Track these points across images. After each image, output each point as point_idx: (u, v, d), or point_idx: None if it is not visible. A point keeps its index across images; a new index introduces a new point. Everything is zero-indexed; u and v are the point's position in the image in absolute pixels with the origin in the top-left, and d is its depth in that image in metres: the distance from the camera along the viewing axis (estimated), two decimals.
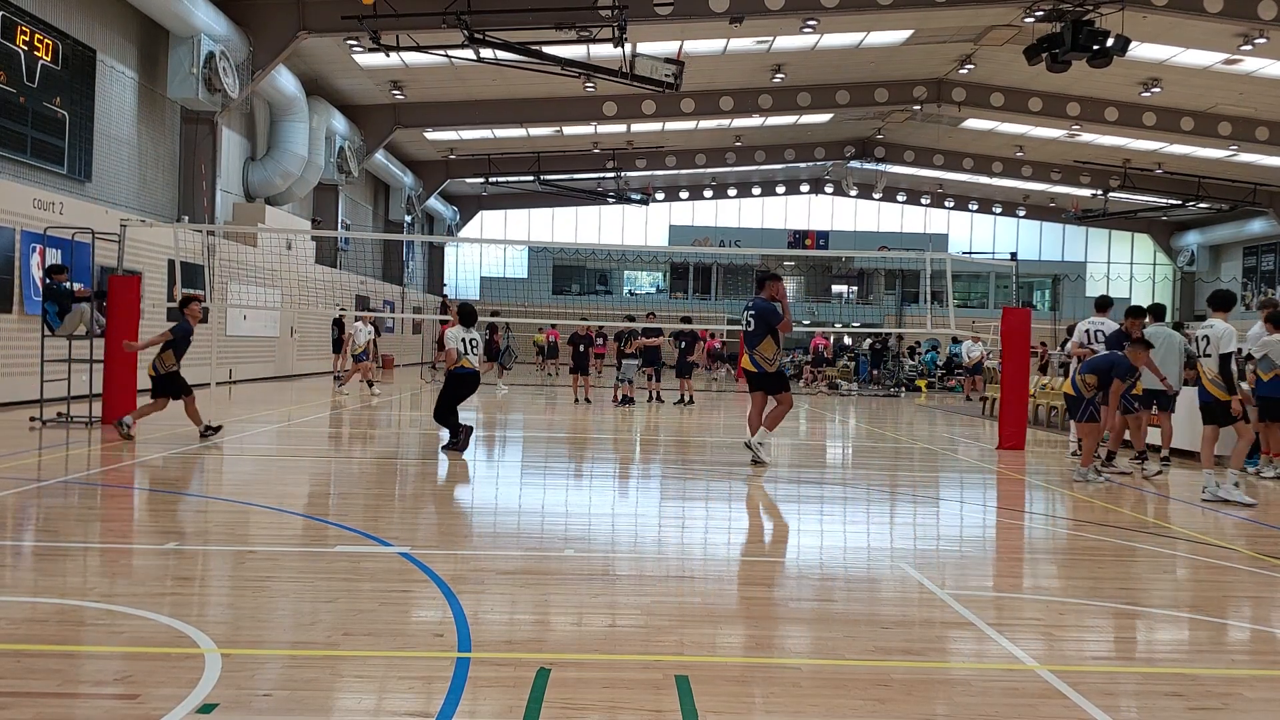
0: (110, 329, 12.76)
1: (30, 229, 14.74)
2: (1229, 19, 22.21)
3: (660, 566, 6.02)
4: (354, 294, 31.51)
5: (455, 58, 22.35)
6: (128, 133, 19.65)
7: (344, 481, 9.18)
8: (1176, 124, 30.58)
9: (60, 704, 3.54)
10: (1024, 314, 14.01)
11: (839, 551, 6.75)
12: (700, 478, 9.89)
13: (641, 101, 29.87)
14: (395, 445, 12.50)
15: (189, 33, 19.69)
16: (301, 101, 25.55)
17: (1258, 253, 42.79)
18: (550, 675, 3.92)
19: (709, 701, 3.71)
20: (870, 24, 25.06)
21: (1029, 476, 10.81)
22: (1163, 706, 3.85)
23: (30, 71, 15.90)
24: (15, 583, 5.20)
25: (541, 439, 12.62)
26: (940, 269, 30.15)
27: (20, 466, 9.02)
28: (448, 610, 4.77)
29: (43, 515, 6.99)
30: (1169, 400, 11.81)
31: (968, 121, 35.14)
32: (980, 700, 3.84)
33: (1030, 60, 21.26)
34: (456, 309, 11.41)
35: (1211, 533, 7.62)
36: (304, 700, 3.61)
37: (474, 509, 8.17)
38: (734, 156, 40.17)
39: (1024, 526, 8.05)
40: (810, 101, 31.53)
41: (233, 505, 7.60)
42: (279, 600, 4.92)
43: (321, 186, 29.42)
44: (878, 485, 9.88)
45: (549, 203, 45.35)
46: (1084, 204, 42.28)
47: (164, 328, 12.72)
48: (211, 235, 20.24)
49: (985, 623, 4.86)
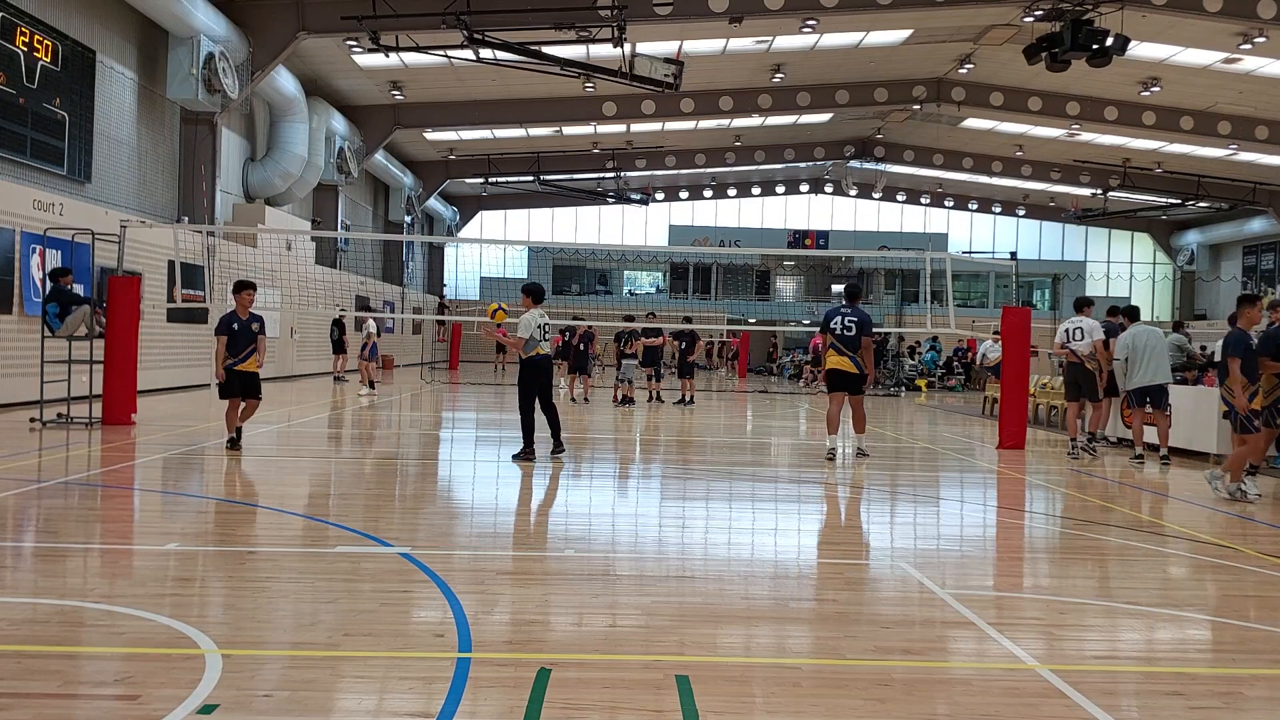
0: (110, 330, 12.76)
1: (30, 230, 14.74)
2: (1228, 18, 22.20)
3: (660, 566, 6.02)
4: (354, 294, 31.52)
5: (455, 58, 22.36)
6: (127, 133, 19.65)
7: (344, 482, 9.18)
8: (1176, 123, 30.58)
9: (61, 705, 3.54)
10: (1024, 313, 14.02)
11: (839, 551, 6.76)
12: (700, 478, 9.90)
13: (641, 101, 29.87)
14: (395, 445, 12.50)
15: (188, 33, 19.70)
16: (301, 102, 25.55)
17: (1257, 252, 42.78)
18: (551, 675, 3.92)
19: (710, 701, 3.71)
20: (870, 24, 25.06)
21: (1029, 476, 10.81)
22: (1163, 706, 3.85)
23: (30, 72, 15.90)
24: (16, 584, 5.20)
25: (541, 439, 12.57)
26: (940, 268, 30.18)
27: (20, 467, 9.02)
28: (448, 610, 4.77)
29: (43, 516, 6.99)
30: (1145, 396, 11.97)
31: (967, 121, 35.14)
32: (981, 700, 3.85)
33: (1030, 60, 21.26)
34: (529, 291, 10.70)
35: (1211, 532, 7.62)
36: (304, 701, 3.62)
37: (474, 509, 8.17)
38: (734, 156, 40.17)
39: (1024, 526, 8.06)
40: (810, 101, 31.53)
41: (233, 506, 7.60)
42: (279, 601, 4.92)
43: (321, 187, 29.42)
44: (878, 485, 9.88)
45: (549, 203, 45.36)
46: (1084, 203, 42.28)
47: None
48: (211, 236, 20.24)
49: (986, 622, 4.86)
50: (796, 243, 46.79)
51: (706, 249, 46.22)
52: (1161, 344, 11.99)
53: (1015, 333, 13.64)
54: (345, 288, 30.32)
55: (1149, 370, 11.78)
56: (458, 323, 38.62)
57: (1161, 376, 11.83)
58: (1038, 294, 51.33)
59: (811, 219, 48.73)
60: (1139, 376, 11.85)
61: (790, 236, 47.50)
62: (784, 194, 47.34)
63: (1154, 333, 12.11)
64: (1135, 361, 11.89)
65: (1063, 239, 49.78)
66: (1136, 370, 11.87)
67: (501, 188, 41.02)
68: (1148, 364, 11.79)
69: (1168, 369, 12.03)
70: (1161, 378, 11.83)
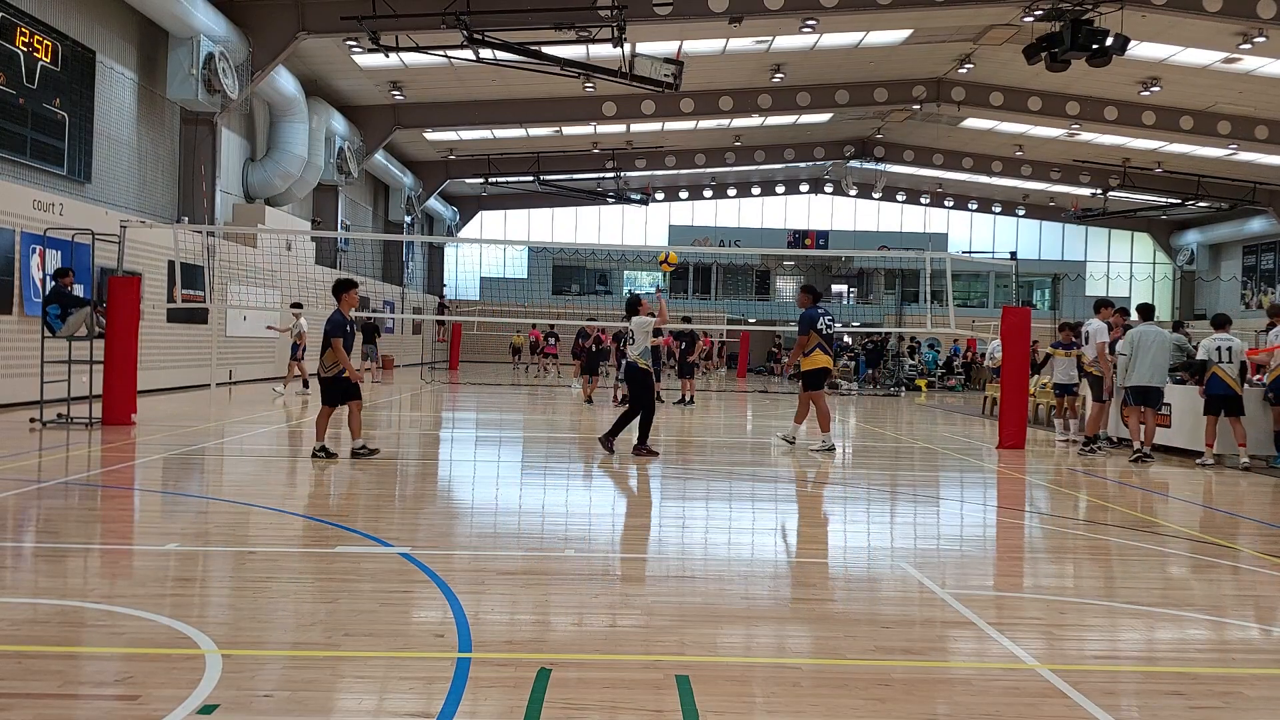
0: (110, 330, 12.76)
1: (30, 230, 14.74)
2: (1228, 18, 22.20)
3: (660, 566, 6.02)
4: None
5: (455, 58, 22.36)
6: (127, 134, 19.65)
7: (344, 482, 9.18)
8: (1176, 123, 30.58)
9: (61, 705, 3.54)
10: (1024, 313, 14.04)
11: (839, 551, 6.76)
12: (700, 478, 9.90)
13: (641, 101, 29.87)
14: (395, 446, 12.49)
15: (188, 34, 19.70)
16: (301, 102, 25.55)
17: (1257, 251, 42.78)
18: (551, 675, 3.92)
19: (710, 701, 3.71)
20: (869, 24, 25.05)
21: (1029, 476, 10.81)
22: (1163, 705, 3.85)
23: (30, 72, 15.90)
24: (16, 584, 5.20)
25: (542, 439, 12.59)
26: (940, 268, 30.19)
27: (20, 467, 9.02)
28: (448, 610, 4.77)
29: (43, 516, 6.99)
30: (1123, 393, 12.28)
31: (967, 121, 35.14)
32: (981, 699, 3.85)
33: (1029, 59, 21.26)
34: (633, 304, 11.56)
35: (1211, 532, 7.62)
36: (305, 701, 3.62)
37: (474, 509, 8.17)
38: (733, 156, 40.18)
39: (1024, 525, 8.06)
40: (810, 101, 31.53)
41: (233, 506, 7.60)
42: (279, 601, 4.92)
43: (321, 187, 29.42)
44: (878, 485, 9.88)
45: (549, 203, 45.37)
46: (1083, 203, 42.28)
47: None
48: (211, 236, 20.25)
49: (986, 622, 4.86)
50: (796, 243, 46.80)
51: (706, 249, 46.24)
52: (1163, 346, 12.06)
53: (1015, 333, 13.65)
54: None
55: (1146, 370, 11.89)
56: (458, 323, 38.65)
57: (1158, 379, 11.95)
58: (1038, 294, 51.34)
59: (811, 219, 48.74)
60: (1136, 375, 11.97)
61: (790, 236, 47.52)
62: (784, 194, 47.36)
63: (1159, 334, 12.18)
64: (1134, 360, 11.97)
65: (1063, 239, 49.78)
66: (1135, 369, 11.96)
67: (501, 188, 41.03)
68: (1147, 364, 11.88)
69: (1165, 372, 12.13)
70: (1158, 380, 11.96)
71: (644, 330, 11.22)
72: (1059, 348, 14.30)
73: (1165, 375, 12.13)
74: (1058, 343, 14.43)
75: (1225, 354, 11.58)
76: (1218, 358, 11.61)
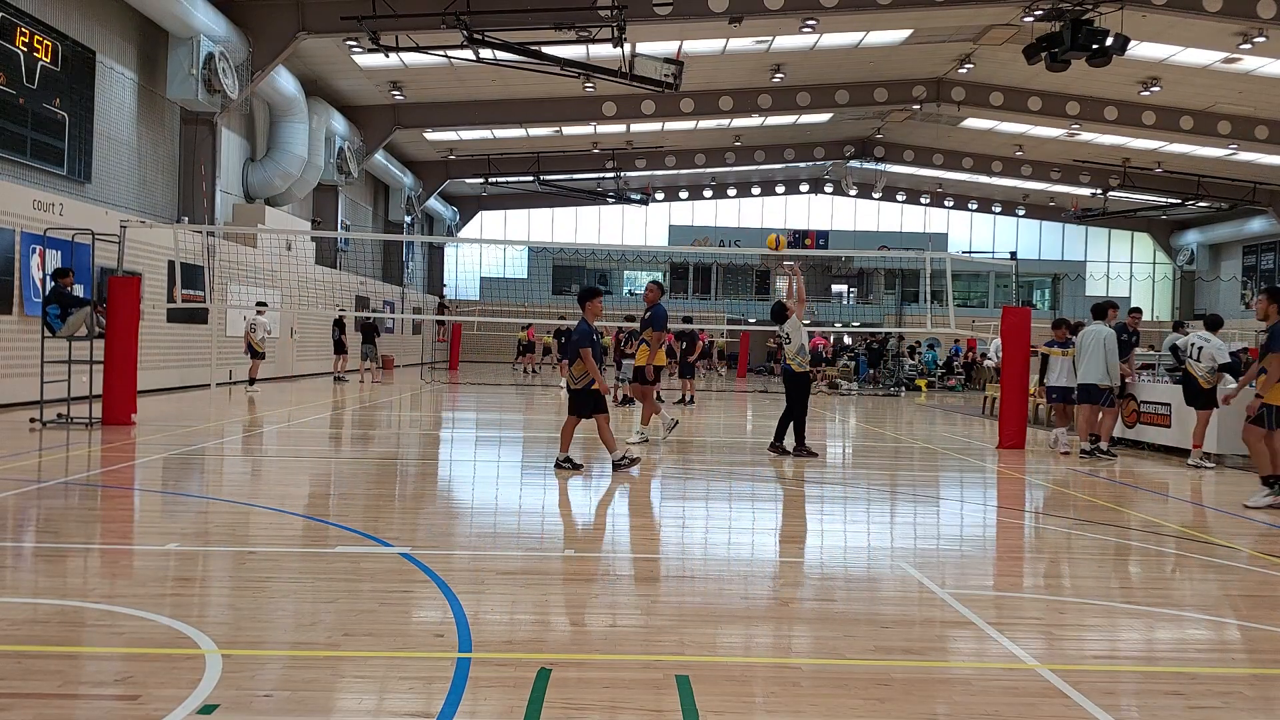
0: (110, 330, 12.76)
1: (30, 230, 14.74)
2: (1228, 18, 22.20)
3: (660, 566, 6.02)
4: (354, 295, 31.53)
5: (455, 58, 22.36)
6: (127, 134, 19.65)
7: (344, 482, 9.18)
8: (1176, 123, 30.59)
9: (61, 705, 3.54)
10: (1024, 313, 14.03)
11: (839, 551, 6.76)
12: (700, 478, 9.90)
13: (641, 101, 29.88)
14: (395, 445, 12.50)
15: (188, 34, 19.70)
16: (301, 102, 25.55)
17: (1257, 251, 42.77)
18: (551, 675, 3.92)
19: (709, 701, 3.71)
20: (869, 24, 25.05)
21: (1029, 476, 10.81)
22: (1163, 705, 3.85)
23: (30, 72, 15.90)
24: (16, 584, 5.20)
25: (542, 439, 12.57)
26: (940, 268, 30.20)
27: (20, 467, 9.02)
28: (448, 610, 4.77)
29: (43, 516, 6.99)
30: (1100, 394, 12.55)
31: (967, 121, 35.14)
32: (980, 699, 3.85)
33: (1029, 59, 21.27)
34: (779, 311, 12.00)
35: (1211, 532, 7.62)
36: (305, 701, 3.62)
37: (474, 509, 8.17)
38: (733, 156, 40.18)
39: (1024, 525, 8.06)
40: (810, 101, 31.54)
41: (233, 506, 7.60)
42: (279, 601, 4.92)
43: (321, 187, 29.42)
44: (878, 485, 9.89)
45: (549, 203, 45.36)
46: (1083, 203, 42.28)
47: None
48: (211, 236, 20.26)
49: (985, 622, 4.86)
50: (796, 243, 46.79)
51: (706, 249, 46.26)
52: (1098, 343, 12.41)
53: (1015, 333, 13.65)
54: (345, 288, 30.33)
55: (1085, 368, 12.44)
56: (457, 323, 38.64)
57: (1094, 375, 12.36)
58: (1038, 294, 51.35)
59: (811, 219, 48.75)
60: (1081, 373, 12.56)
61: (790, 236, 47.50)
62: (784, 194, 47.37)
63: (1098, 332, 12.52)
64: (1080, 359, 12.64)
65: (1063, 239, 49.79)
66: (1080, 367, 12.61)
67: (501, 188, 41.04)
68: (1085, 362, 12.44)
69: (1101, 369, 12.40)
70: (1095, 377, 12.36)
71: (798, 330, 11.78)
72: (1054, 347, 13.75)
73: (1104, 373, 12.37)
74: (1052, 341, 13.81)
75: (1195, 351, 11.78)
76: (1189, 355, 11.89)
